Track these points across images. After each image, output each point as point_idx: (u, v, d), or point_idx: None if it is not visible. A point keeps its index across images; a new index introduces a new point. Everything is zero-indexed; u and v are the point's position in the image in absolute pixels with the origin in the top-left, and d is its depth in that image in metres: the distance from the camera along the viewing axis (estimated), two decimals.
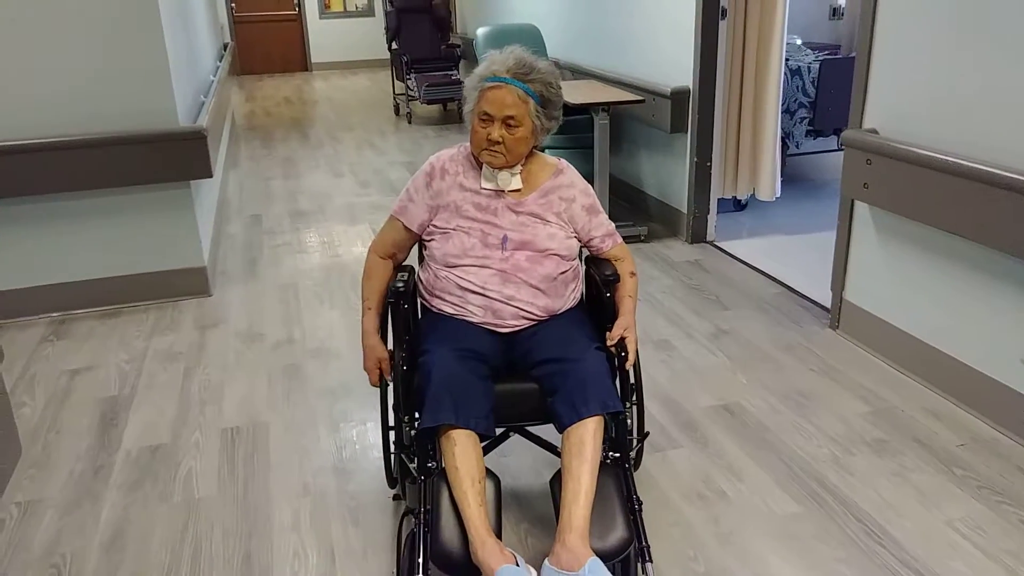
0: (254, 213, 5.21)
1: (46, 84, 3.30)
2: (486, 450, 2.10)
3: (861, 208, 3.08)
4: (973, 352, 2.67)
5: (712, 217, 4.37)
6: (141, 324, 3.53)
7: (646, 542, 1.82)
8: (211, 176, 3.64)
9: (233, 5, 12.41)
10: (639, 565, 1.82)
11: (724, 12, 3.98)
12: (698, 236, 4.38)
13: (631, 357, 2.01)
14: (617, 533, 1.77)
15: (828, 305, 3.38)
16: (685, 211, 4.39)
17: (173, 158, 3.48)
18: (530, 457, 2.49)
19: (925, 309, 2.85)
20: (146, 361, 3.19)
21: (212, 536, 2.20)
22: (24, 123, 3.30)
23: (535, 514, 2.26)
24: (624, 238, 2.25)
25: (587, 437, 1.84)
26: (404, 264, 2.22)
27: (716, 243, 4.36)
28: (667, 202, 4.61)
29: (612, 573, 1.69)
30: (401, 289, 2.04)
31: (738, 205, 4.84)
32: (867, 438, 2.56)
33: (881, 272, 3.03)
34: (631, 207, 5.00)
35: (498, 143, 2.00)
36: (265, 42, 12.73)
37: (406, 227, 2.14)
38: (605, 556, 1.73)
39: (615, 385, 1.97)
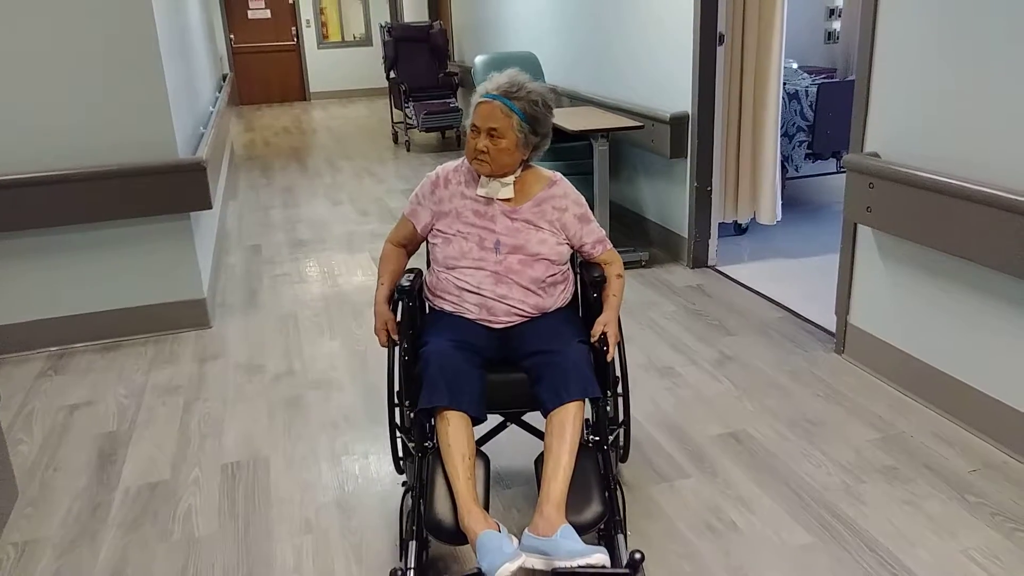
0: (253, 243, 5.20)
1: (45, 117, 3.30)
2: (484, 439, 2.31)
3: (864, 232, 3.07)
4: (981, 376, 2.65)
5: (713, 241, 4.36)
6: (140, 357, 3.50)
7: (620, 516, 2.01)
8: (211, 208, 3.62)
9: (232, 36, 12.51)
10: (620, 537, 1.99)
11: (722, 38, 4.00)
12: (699, 261, 4.36)
13: (611, 350, 2.17)
14: (593, 508, 1.95)
15: (833, 329, 3.35)
16: (686, 236, 4.38)
17: (172, 190, 3.47)
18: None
19: (932, 333, 2.82)
20: (145, 395, 3.16)
21: None
22: (23, 156, 3.30)
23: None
24: (625, 264, 2.41)
25: (567, 420, 2.01)
26: (411, 267, 2.40)
27: (718, 268, 4.35)
28: (668, 227, 4.60)
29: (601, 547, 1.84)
30: (406, 287, 2.22)
31: (739, 229, 4.83)
32: (877, 465, 2.53)
33: (886, 296, 3.01)
34: (631, 233, 4.99)
35: (483, 152, 2.19)
36: (264, 72, 12.82)
37: (415, 226, 2.35)
38: (581, 528, 1.90)
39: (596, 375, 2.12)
